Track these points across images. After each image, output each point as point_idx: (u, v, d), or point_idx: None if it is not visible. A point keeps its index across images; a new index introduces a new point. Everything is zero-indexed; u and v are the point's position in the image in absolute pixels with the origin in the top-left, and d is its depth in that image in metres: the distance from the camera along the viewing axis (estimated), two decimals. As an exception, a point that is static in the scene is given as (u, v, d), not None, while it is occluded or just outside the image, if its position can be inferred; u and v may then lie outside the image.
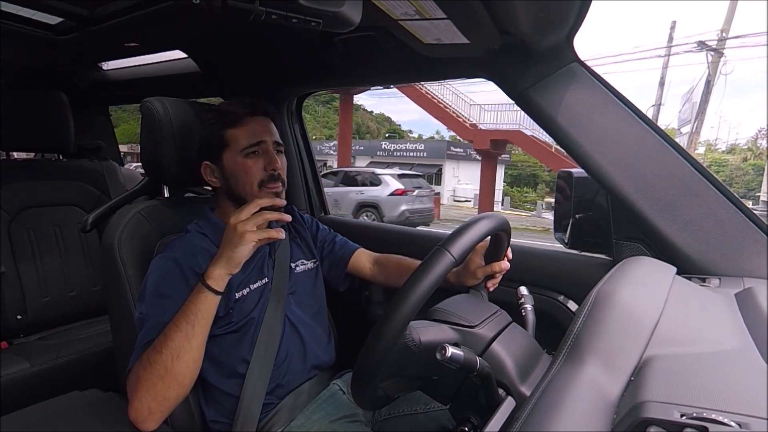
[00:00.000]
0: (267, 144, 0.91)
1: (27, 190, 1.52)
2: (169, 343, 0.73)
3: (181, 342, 0.73)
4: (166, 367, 0.72)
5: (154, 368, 0.72)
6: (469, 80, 12.41)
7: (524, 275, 1.05)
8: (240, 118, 0.91)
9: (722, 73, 11.37)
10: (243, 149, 0.90)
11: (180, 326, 0.74)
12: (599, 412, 0.39)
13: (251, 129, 0.91)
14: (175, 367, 0.73)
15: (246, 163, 0.90)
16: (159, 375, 0.72)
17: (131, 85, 1.95)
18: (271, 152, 0.92)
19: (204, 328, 0.77)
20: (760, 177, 16.45)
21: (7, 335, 1.43)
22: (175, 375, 0.73)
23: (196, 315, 0.75)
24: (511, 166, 25.67)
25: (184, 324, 0.74)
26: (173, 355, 0.73)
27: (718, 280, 0.76)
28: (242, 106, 0.92)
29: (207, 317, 0.77)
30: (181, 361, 0.73)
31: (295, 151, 1.59)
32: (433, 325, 0.69)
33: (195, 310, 0.76)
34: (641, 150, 0.87)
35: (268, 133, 0.92)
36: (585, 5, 0.78)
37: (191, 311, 0.75)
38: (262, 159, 0.91)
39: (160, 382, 0.72)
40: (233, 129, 0.91)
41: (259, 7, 0.53)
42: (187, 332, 0.74)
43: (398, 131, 40.51)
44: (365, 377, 0.60)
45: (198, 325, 0.75)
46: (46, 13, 1.24)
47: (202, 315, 0.76)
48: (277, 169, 0.91)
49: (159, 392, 0.73)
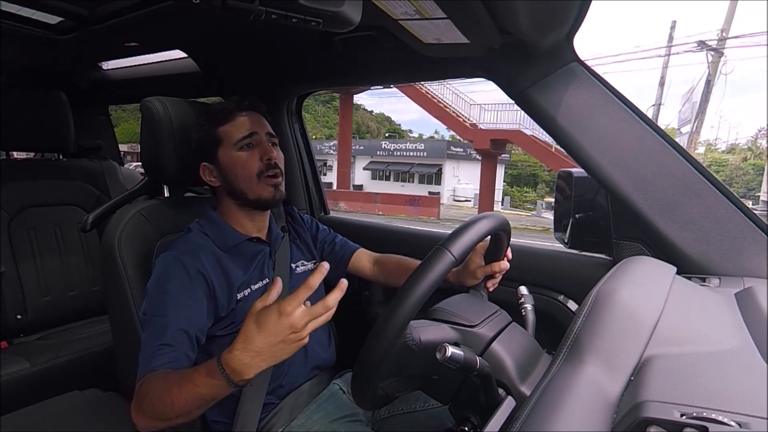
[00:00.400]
0: (260, 135, 0.92)
1: (27, 190, 1.52)
2: (176, 407, 0.66)
3: (190, 410, 0.67)
4: (170, 418, 0.68)
5: (157, 409, 0.68)
6: (469, 80, 12.41)
7: (524, 275, 1.05)
8: (229, 113, 0.92)
9: (722, 72, 11.37)
10: (236, 143, 0.90)
11: (191, 405, 0.66)
12: (599, 412, 0.39)
13: (243, 122, 0.92)
14: (179, 420, 0.68)
15: (241, 156, 0.90)
16: (161, 418, 0.69)
17: (131, 84, 1.94)
18: (265, 143, 0.92)
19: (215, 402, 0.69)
20: (760, 177, 16.43)
21: (7, 335, 1.43)
22: (178, 422, 0.69)
23: (212, 400, 0.67)
24: (511, 165, 25.67)
25: (196, 409, 0.67)
26: (179, 415, 0.67)
27: (718, 279, 0.76)
28: (230, 103, 0.94)
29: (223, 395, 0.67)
30: (186, 418, 0.69)
31: (295, 150, 1.59)
32: (433, 325, 0.70)
33: (213, 396, 0.66)
34: (641, 150, 0.87)
35: (259, 125, 0.93)
36: (585, 5, 0.78)
37: (208, 397, 0.65)
38: (257, 150, 0.91)
39: (160, 423, 0.70)
40: (225, 125, 0.92)
41: (259, 7, 0.53)
42: (200, 407, 0.67)
43: (398, 131, 40.54)
44: (365, 377, 0.60)
45: (213, 402, 0.67)
46: (46, 13, 1.23)
47: (217, 399, 0.67)
48: (273, 158, 0.91)
49: (159, 425, 0.70)
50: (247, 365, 0.62)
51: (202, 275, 0.83)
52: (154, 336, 0.76)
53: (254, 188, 0.91)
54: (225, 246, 0.91)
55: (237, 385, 0.64)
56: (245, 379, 0.63)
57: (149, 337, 0.76)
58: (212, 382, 0.64)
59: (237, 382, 0.63)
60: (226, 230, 0.93)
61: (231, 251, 0.91)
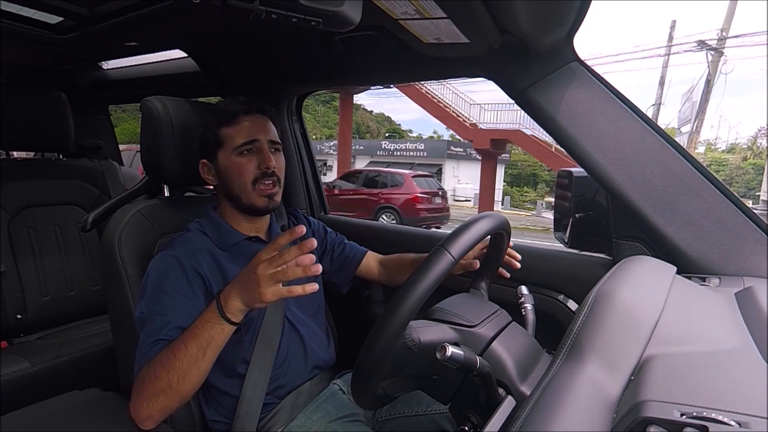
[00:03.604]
0: (261, 143, 0.91)
1: (27, 190, 1.52)
2: (176, 363, 0.70)
3: (189, 365, 0.70)
4: (171, 385, 0.70)
5: (158, 383, 0.71)
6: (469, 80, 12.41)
7: (524, 275, 1.05)
8: (234, 116, 0.91)
9: (722, 72, 11.38)
10: (236, 148, 0.89)
11: (190, 350, 0.71)
12: (599, 412, 0.39)
13: (245, 127, 0.90)
14: (180, 386, 0.71)
15: (239, 162, 0.90)
16: (162, 390, 0.71)
17: (131, 84, 1.94)
18: (265, 150, 0.91)
19: (214, 354, 0.73)
20: (760, 176, 16.43)
21: (7, 334, 1.43)
22: (179, 391, 0.71)
23: (209, 343, 0.71)
24: (511, 165, 25.66)
25: (194, 349, 0.71)
26: (179, 376, 0.70)
27: (718, 279, 0.76)
28: (237, 104, 0.92)
29: (219, 345, 0.73)
30: (186, 381, 0.71)
31: (295, 150, 1.59)
32: (432, 325, 0.70)
33: (208, 338, 0.71)
34: (641, 149, 0.87)
35: (262, 132, 0.92)
36: (585, 5, 0.78)
37: (203, 338, 0.71)
38: (255, 157, 0.90)
39: (162, 396, 0.71)
40: (228, 127, 0.90)
41: (259, 7, 0.52)
42: (197, 357, 0.71)
43: (398, 131, 40.50)
44: (365, 377, 0.60)
45: (209, 351, 0.72)
46: (46, 13, 1.23)
47: (216, 344, 0.72)
48: (271, 167, 0.90)
49: (161, 403, 0.72)
50: (227, 294, 0.73)
51: (199, 275, 0.83)
52: (152, 333, 0.76)
53: (248, 195, 0.90)
54: (224, 245, 0.91)
55: (228, 320, 0.72)
56: (231, 313, 0.72)
57: (147, 334, 0.76)
58: (208, 317, 0.72)
59: (227, 316, 0.72)
60: (226, 230, 0.93)
61: (230, 250, 0.91)
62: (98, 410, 0.83)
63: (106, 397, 0.89)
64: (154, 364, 0.72)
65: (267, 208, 0.93)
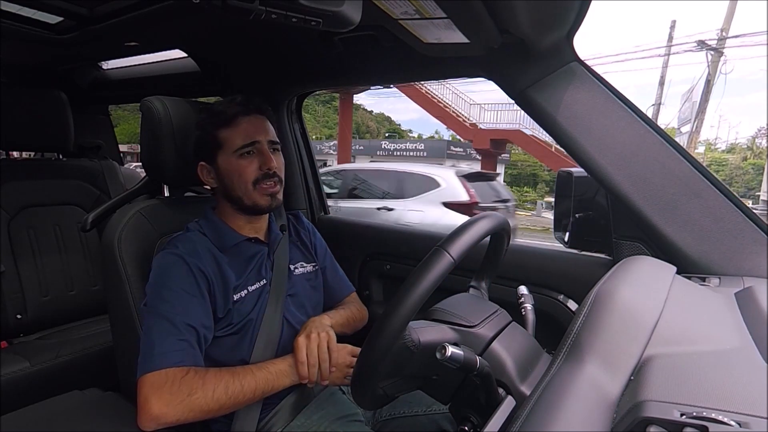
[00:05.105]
0: (261, 144, 0.91)
1: (27, 189, 1.52)
2: (240, 397, 0.77)
3: (248, 400, 0.79)
4: (220, 409, 0.75)
5: (209, 402, 0.73)
6: (469, 80, 12.41)
7: (524, 274, 1.05)
8: (233, 117, 0.90)
9: (722, 72, 11.38)
10: (237, 150, 0.89)
11: (257, 392, 0.79)
12: (599, 412, 0.39)
13: (244, 129, 0.90)
14: (223, 411, 0.76)
15: (240, 164, 0.89)
16: (209, 409, 0.74)
17: (131, 84, 1.94)
18: (266, 152, 0.91)
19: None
20: (760, 176, 16.42)
21: (7, 334, 1.43)
22: (217, 412, 0.75)
23: (273, 389, 0.82)
24: (511, 165, 25.64)
25: (260, 393, 0.80)
26: (233, 405, 0.77)
27: (717, 279, 0.76)
28: (235, 105, 0.91)
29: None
30: (232, 408, 0.78)
31: (295, 150, 1.58)
32: (432, 326, 0.69)
33: (277, 387, 0.82)
34: (641, 149, 0.87)
35: (262, 133, 0.91)
36: (585, 4, 0.78)
37: (274, 386, 0.82)
38: (256, 159, 0.90)
39: (202, 414, 0.73)
40: (226, 129, 0.90)
41: (258, 7, 0.52)
42: (257, 396, 0.80)
43: (398, 131, 40.47)
44: (365, 377, 0.60)
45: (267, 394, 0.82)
46: (46, 13, 1.23)
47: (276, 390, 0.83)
48: (272, 168, 0.90)
49: (192, 416, 0.73)
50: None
51: (203, 274, 0.83)
52: (166, 330, 0.75)
53: (250, 195, 0.90)
54: (223, 246, 0.91)
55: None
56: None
57: (161, 332, 0.75)
58: (284, 369, 0.84)
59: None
60: (225, 230, 0.93)
61: (229, 251, 0.91)
62: (98, 410, 0.84)
63: (106, 397, 0.89)
64: (212, 381, 0.75)
65: (270, 207, 0.93)
